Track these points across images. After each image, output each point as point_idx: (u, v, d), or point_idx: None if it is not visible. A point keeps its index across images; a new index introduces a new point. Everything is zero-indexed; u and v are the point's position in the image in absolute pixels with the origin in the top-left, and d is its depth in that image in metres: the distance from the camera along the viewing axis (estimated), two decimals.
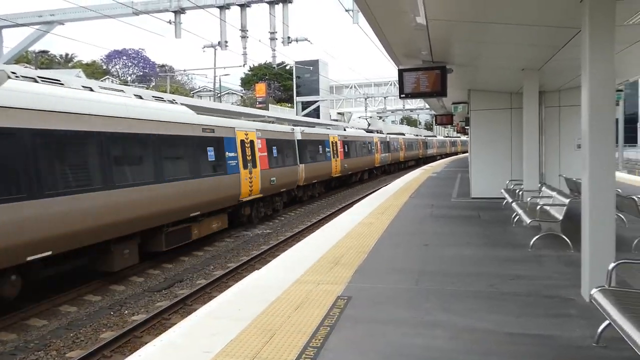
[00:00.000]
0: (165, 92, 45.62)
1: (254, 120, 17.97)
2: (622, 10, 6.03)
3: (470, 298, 5.95)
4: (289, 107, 69.27)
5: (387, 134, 41.57)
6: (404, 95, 10.96)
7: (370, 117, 68.64)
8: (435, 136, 77.49)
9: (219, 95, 59.81)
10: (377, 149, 35.25)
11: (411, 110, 72.35)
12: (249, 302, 5.84)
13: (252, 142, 15.43)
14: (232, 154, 13.99)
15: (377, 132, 39.90)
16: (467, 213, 12.48)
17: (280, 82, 76.88)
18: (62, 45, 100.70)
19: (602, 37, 5.52)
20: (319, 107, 58.73)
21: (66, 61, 65.85)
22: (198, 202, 12.04)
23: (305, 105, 57.71)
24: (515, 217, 10.41)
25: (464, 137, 79.07)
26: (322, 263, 7.37)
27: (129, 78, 69.37)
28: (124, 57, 71.30)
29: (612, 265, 4.62)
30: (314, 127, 25.09)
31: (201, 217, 12.34)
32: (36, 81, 8.71)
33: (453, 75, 11.28)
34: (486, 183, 15.10)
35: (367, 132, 36.78)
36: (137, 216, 10.02)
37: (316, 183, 22.10)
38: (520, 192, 12.04)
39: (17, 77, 8.15)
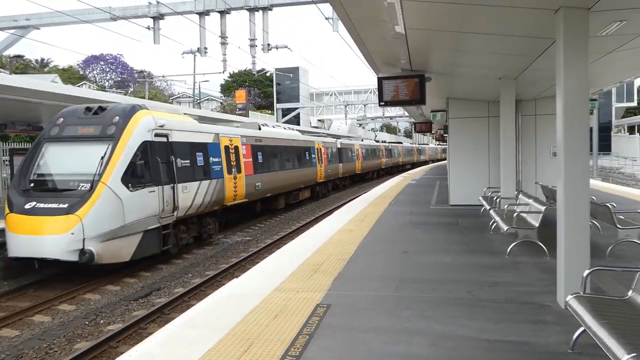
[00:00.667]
0: (144, 98, 43.99)
1: (318, 136, 31.22)
2: (595, 22, 6.03)
3: (449, 305, 5.92)
4: (269, 114, 64.80)
5: (389, 142, 57.31)
6: (383, 103, 10.90)
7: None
8: (428, 144, 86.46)
9: (198, 101, 56.45)
10: (383, 155, 48.52)
11: (391, 117, 72.22)
12: (227, 310, 5.83)
13: (320, 149, 27.81)
14: (314, 156, 25.97)
15: (383, 142, 54.88)
16: (446, 220, 12.31)
17: (260, 89, 74.90)
18: (38, 49, 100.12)
19: (576, 47, 5.51)
20: (299, 114, 56.55)
21: (42, 66, 63.61)
22: (304, 180, 23.58)
23: (285, 112, 55.30)
24: (493, 224, 10.34)
25: None
26: (302, 270, 7.29)
27: (107, 84, 67.39)
28: (102, 63, 69.81)
29: (586, 272, 4.65)
30: (339, 138, 36.65)
31: (302, 189, 24.00)
32: (262, 126, 20.94)
33: (432, 83, 11.25)
34: (464, 190, 14.92)
35: (375, 141, 51.94)
36: (288, 184, 21.30)
37: (347, 177, 35.11)
38: (498, 200, 12.10)
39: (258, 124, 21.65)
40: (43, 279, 10.13)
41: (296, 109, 55.28)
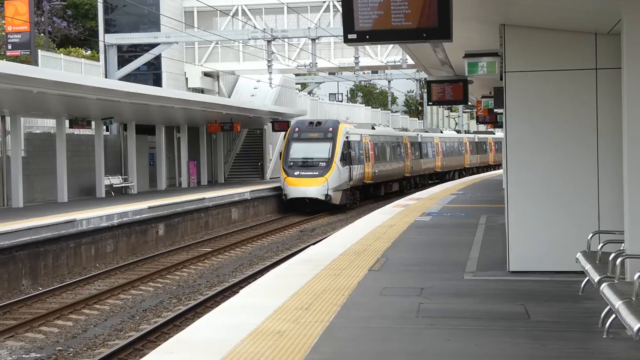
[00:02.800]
0: None
1: (405, 130, 74.48)
2: None
3: None
4: (89, 56, 58.11)
5: (476, 133, 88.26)
6: (354, 36, 10.33)
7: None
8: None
9: None
10: (467, 150, 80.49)
11: (373, 70, 67.48)
12: None
13: (406, 144, 60.50)
14: (402, 151, 59.64)
15: (467, 133, 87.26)
16: (500, 308, 11.88)
17: (65, 2, 65.36)
18: None
19: None
20: (160, 59, 53.95)
21: None
22: (397, 172, 59.83)
23: (127, 52, 52.49)
24: (609, 317, 9.99)
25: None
26: None
27: None
28: None
29: None
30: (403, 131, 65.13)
31: (394, 181, 59.47)
32: (375, 125, 61.64)
33: None
34: (542, 240, 14.34)
35: (456, 131, 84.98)
36: (388, 174, 58.11)
37: (426, 175, 67.69)
38: (620, 261, 11.51)
39: (368, 125, 60.50)
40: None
41: (152, 45, 50.90)
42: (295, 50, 56.93)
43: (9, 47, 46.15)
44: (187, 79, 58.17)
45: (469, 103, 31.58)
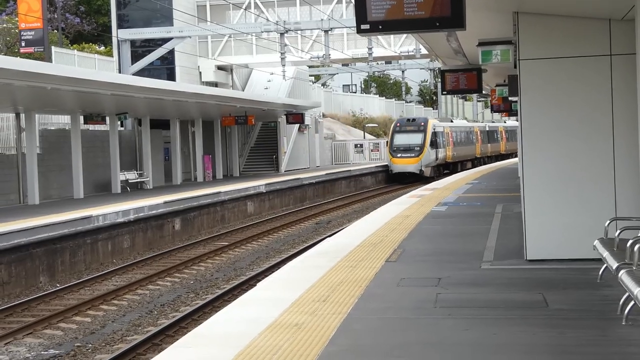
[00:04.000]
0: None
1: (475, 122, 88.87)
2: None
3: None
4: (103, 52, 58.99)
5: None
6: (367, 27, 10.31)
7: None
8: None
9: None
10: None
11: (387, 61, 68.11)
12: None
13: (477, 132, 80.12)
14: (473, 137, 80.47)
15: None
16: (517, 296, 11.78)
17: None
18: None
19: None
20: (173, 53, 54.07)
21: None
22: (469, 154, 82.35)
23: (140, 47, 52.94)
24: (628, 303, 9.89)
25: None
26: None
27: None
28: None
29: None
30: (467, 123, 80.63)
31: (467, 161, 79.18)
32: (452, 119, 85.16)
33: None
34: (559, 228, 14.16)
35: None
36: (463, 155, 79.15)
37: (493, 156, 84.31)
38: (638, 247, 11.25)
39: (449, 119, 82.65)
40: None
41: (166, 40, 50.96)
42: (308, 42, 55.90)
43: (23, 44, 45.86)
44: (200, 72, 58.01)
45: (483, 92, 31.70)
